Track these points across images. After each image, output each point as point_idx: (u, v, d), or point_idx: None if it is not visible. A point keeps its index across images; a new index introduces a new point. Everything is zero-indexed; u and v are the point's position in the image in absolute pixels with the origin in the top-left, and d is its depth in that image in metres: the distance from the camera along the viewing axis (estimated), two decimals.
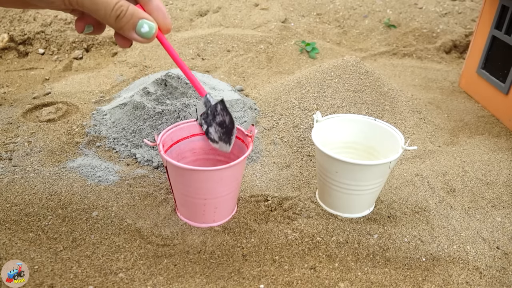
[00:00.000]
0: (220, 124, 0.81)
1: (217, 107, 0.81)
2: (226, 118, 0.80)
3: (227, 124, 0.81)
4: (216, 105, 0.81)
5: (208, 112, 0.82)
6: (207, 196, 0.81)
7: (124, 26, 0.64)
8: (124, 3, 0.63)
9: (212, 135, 0.82)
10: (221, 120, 0.81)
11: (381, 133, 0.95)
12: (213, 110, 0.81)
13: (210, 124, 0.83)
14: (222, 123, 0.81)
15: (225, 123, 0.81)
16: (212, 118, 0.82)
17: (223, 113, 0.80)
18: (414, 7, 2.18)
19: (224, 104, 0.80)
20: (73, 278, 0.73)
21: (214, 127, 0.82)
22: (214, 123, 0.82)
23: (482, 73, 1.45)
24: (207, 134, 0.83)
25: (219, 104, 0.80)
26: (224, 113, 0.80)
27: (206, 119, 0.83)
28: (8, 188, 0.94)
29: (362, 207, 0.91)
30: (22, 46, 1.71)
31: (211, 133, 0.82)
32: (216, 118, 0.81)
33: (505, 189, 1.02)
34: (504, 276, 0.79)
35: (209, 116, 0.82)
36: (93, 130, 1.17)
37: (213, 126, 0.82)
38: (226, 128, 0.81)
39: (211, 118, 0.82)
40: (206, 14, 2.10)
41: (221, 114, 0.80)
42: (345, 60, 1.35)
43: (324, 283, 0.75)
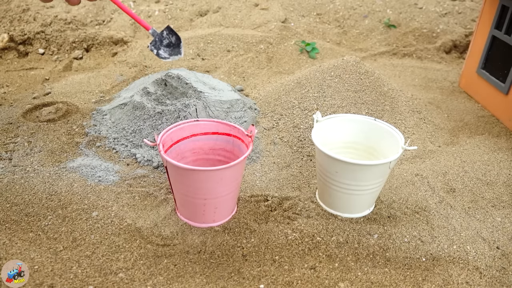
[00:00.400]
0: (168, 45, 0.99)
1: (163, 34, 0.98)
2: (172, 39, 0.98)
3: (174, 43, 0.99)
4: (162, 32, 0.98)
5: (156, 40, 0.98)
6: (207, 196, 0.81)
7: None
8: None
9: (162, 55, 0.99)
10: (168, 42, 0.99)
11: (381, 133, 0.95)
12: (160, 36, 0.98)
13: (159, 48, 0.99)
14: (169, 44, 0.99)
15: (172, 43, 0.99)
16: (160, 43, 0.99)
17: (168, 36, 0.98)
18: (414, 7, 2.18)
19: (169, 29, 0.98)
20: (73, 278, 0.73)
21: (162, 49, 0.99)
22: (162, 46, 0.99)
23: (482, 73, 1.45)
24: (159, 56, 0.99)
25: (164, 31, 0.98)
26: (170, 35, 0.98)
27: (155, 45, 0.99)
28: (8, 188, 0.94)
29: (362, 207, 0.91)
30: (22, 46, 1.71)
31: (161, 54, 0.99)
32: (163, 42, 0.99)
33: (505, 189, 1.02)
34: (504, 276, 0.79)
35: (157, 43, 0.99)
36: (93, 130, 1.17)
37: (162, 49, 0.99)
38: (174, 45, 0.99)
39: (159, 43, 0.99)
40: (206, 14, 2.10)
41: (167, 38, 0.99)
42: (345, 60, 1.35)
43: (324, 283, 0.75)
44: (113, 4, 1.98)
